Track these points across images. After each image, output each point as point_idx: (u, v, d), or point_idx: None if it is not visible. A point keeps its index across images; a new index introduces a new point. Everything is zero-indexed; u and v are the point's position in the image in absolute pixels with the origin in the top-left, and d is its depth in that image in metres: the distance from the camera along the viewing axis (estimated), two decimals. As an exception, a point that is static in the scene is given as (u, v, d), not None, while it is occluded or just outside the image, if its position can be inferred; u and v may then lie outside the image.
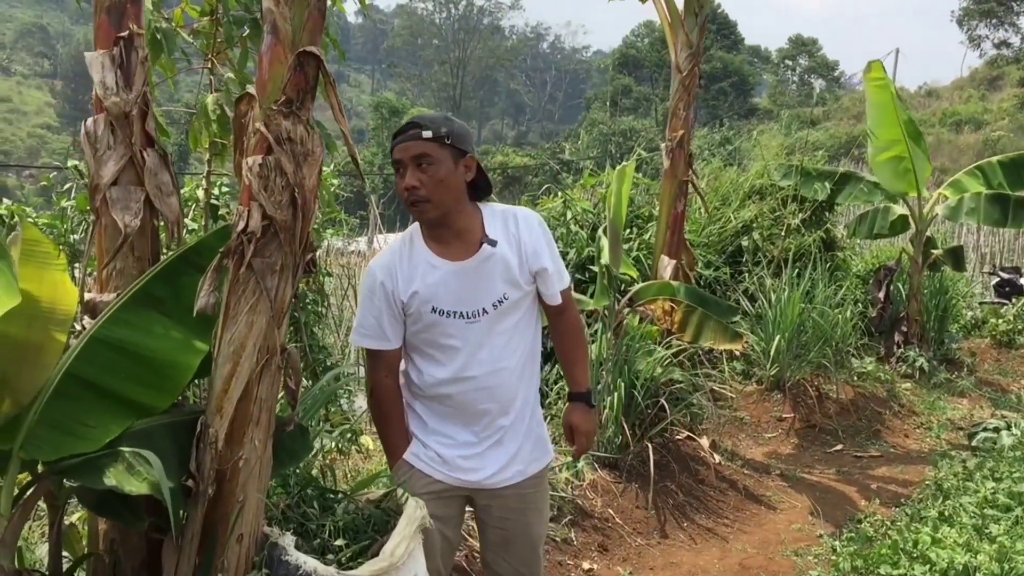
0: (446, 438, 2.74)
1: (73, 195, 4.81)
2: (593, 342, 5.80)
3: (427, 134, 2.52)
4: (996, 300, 12.51)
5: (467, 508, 2.94)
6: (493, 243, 2.63)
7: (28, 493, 2.27)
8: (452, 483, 2.75)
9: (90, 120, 2.56)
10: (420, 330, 2.66)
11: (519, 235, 2.67)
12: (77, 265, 3.94)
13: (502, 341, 2.67)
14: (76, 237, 4.62)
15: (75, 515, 3.18)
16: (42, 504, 2.53)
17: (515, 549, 2.88)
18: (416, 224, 2.70)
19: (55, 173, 5.14)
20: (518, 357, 2.72)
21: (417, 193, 2.53)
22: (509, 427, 2.74)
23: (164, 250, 2.77)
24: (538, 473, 2.86)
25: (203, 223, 4.22)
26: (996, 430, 6.80)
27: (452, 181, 2.56)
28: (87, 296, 2.50)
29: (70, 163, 4.70)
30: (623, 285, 6.56)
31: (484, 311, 2.64)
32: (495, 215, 2.70)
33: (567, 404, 2.97)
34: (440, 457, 2.73)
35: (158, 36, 2.99)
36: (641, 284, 6.30)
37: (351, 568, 2.53)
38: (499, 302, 2.65)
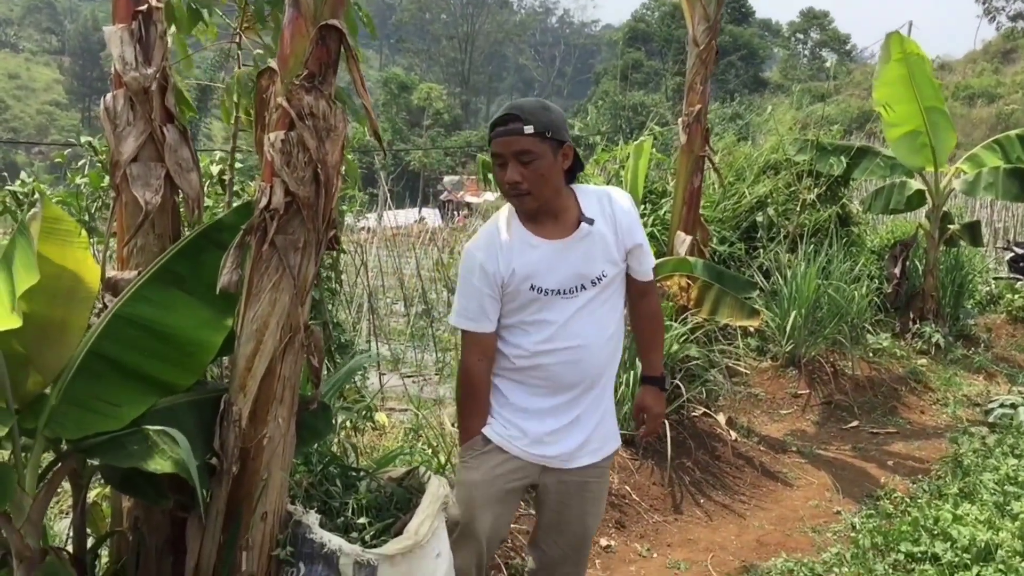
0: (530, 414, 2.72)
1: (86, 172, 4.79)
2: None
3: (528, 130, 2.48)
4: (1011, 275, 12.42)
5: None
6: (591, 221, 2.65)
7: (53, 471, 2.26)
8: (527, 459, 2.73)
9: (109, 96, 2.53)
10: (517, 308, 2.66)
11: (614, 213, 2.71)
12: (93, 241, 3.92)
13: (595, 317, 2.70)
14: (91, 213, 4.59)
15: (94, 492, 3.18)
16: (64, 482, 2.52)
17: (566, 535, 2.89)
18: (509, 206, 2.70)
19: (68, 150, 5.11)
20: (607, 335, 2.75)
21: (519, 187, 2.54)
22: (589, 406, 2.76)
23: (184, 227, 2.74)
24: (605, 460, 2.87)
25: (226, 199, 4.18)
26: (1013, 406, 6.77)
27: (552, 173, 2.57)
28: (108, 274, 2.47)
29: (83, 139, 4.67)
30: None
31: (583, 287, 2.66)
32: (589, 195, 2.72)
33: (641, 387, 3.00)
34: (522, 432, 2.71)
35: (193, 5, 2.94)
36: (657, 260, 6.25)
37: (375, 546, 2.53)
38: (598, 279, 2.68)
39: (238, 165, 4.66)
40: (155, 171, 2.53)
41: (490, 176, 7.22)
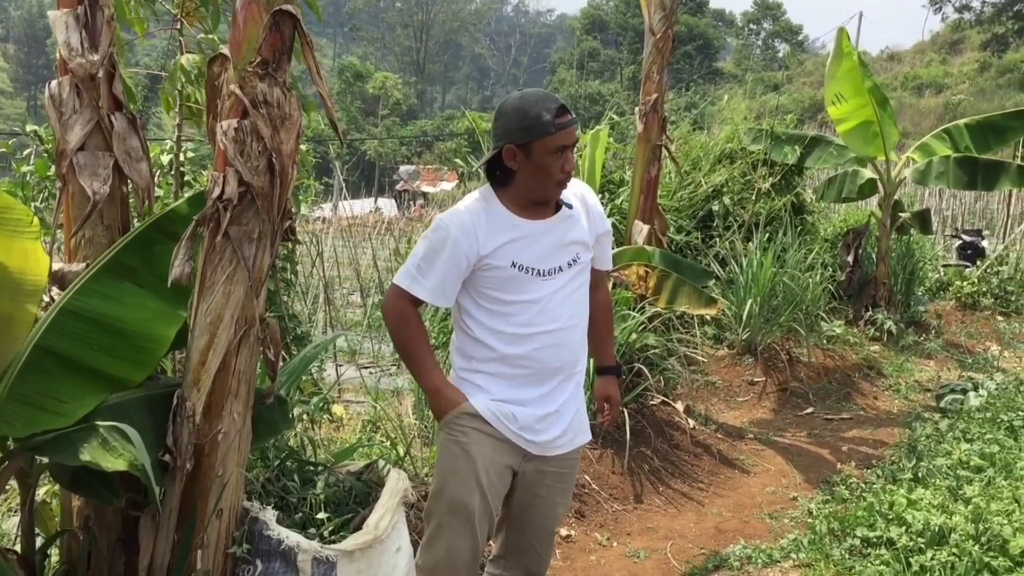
0: (516, 404, 2.70)
1: (32, 161, 4.66)
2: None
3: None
4: (959, 262, 12.66)
5: None
6: (570, 206, 2.74)
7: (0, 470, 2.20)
8: (516, 443, 2.71)
9: (54, 82, 2.45)
10: (496, 286, 2.65)
11: (586, 200, 2.82)
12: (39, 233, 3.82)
13: (571, 301, 2.74)
14: (37, 204, 4.48)
15: (43, 490, 3.10)
16: (12, 481, 2.45)
17: (536, 524, 2.88)
18: (487, 188, 2.72)
19: (13, 139, 4.97)
20: (582, 321, 2.80)
21: (571, 175, 2.63)
22: (570, 396, 2.80)
23: (134, 218, 2.67)
24: (578, 449, 2.91)
25: (172, 190, 4.10)
26: (964, 391, 6.88)
27: None
28: (55, 266, 2.40)
29: (28, 127, 4.55)
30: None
31: (560, 269, 2.70)
32: None
33: (600, 377, 3.02)
34: (514, 416, 2.69)
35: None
36: (615, 249, 6.26)
37: (334, 542, 2.49)
38: (573, 261, 2.72)
39: (190, 155, 4.58)
40: (103, 160, 2.46)
41: (461, 160, 7.17)
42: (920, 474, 4.77)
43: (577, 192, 2.80)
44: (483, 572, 3.06)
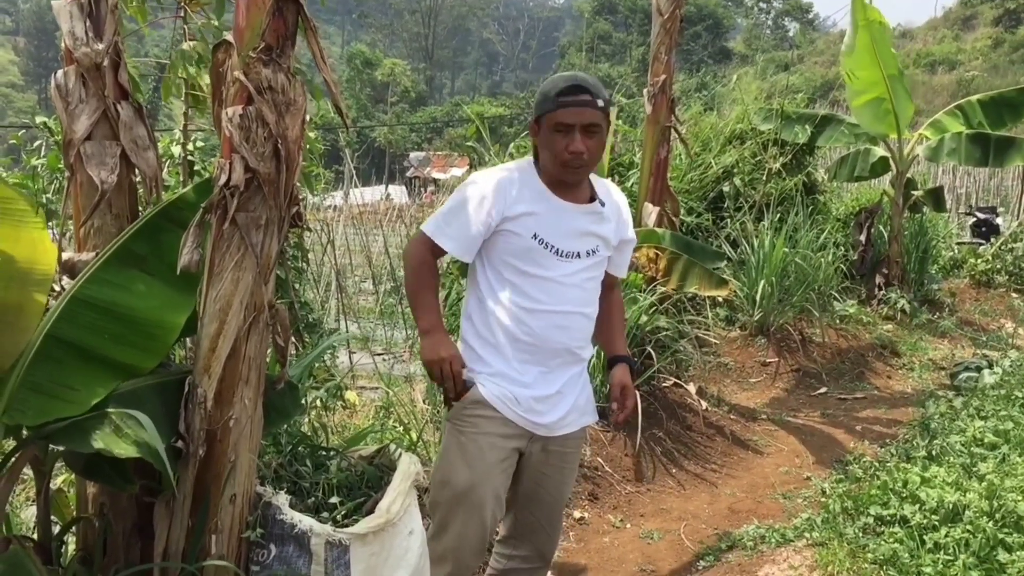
0: (515, 381, 2.72)
1: (43, 153, 4.68)
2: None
3: (600, 103, 2.58)
4: (973, 240, 12.59)
5: None
6: (603, 203, 2.77)
7: (14, 459, 2.21)
8: (521, 424, 2.72)
9: (60, 72, 2.46)
10: (512, 254, 2.67)
11: (618, 204, 2.87)
12: (51, 224, 3.84)
13: (583, 289, 2.76)
14: (49, 196, 4.50)
15: (59, 479, 3.13)
16: (27, 470, 2.47)
17: (543, 504, 2.92)
18: (529, 159, 2.77)
19: (24, 131, 4.99)
20: (591, 310, 2.81)
21: (582, 159, 2.60)
22: (570, 381, 2.81)
23: (142, 206, 2.68)
24: (583, 429, 2.95)
25: (180, 180, 4.11)
26: (978, 369, 6.85)
27: (604, 147, 2.75)
28: (65, 255, 2.41)
29: (38, 119, 4.56)
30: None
31: (578, 254, 2.71)
32: (599, 182, 2.85)
33: (616, 367, 2.97)
34: (514, 397, 2.70)
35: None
36: (625, 232, 6.24)
37: (347, 526, 2.51)
38: (592, 251, 2.75)
39: (200, 144, 4.58)
40: (110, 149, 2.46)
41: (473, 144, 7.16)
42: (934, 452, 4.75)
43: (613, 196, 2.85)
44: (492, 553, 3.09)
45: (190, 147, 4.20)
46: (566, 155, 2.58)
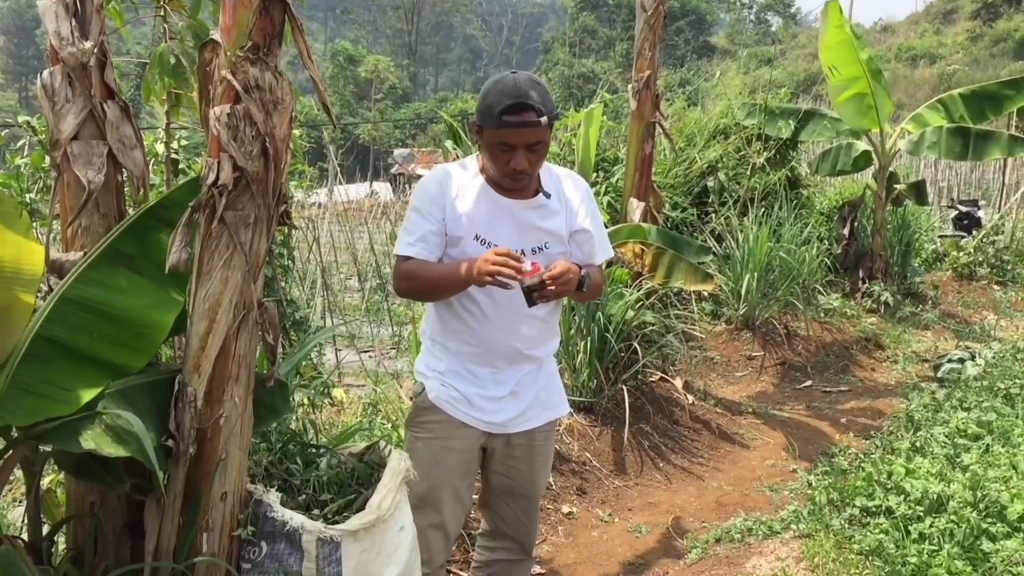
0: (465, 377, 2.73)
1: (27, 152, 4.66)
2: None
3: (543, 120, 2.47)
4: (955, 233, 12.68)
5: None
6: (548, 195, 2.69)
7: (4, 460, 2.21)
8: (473, 424, 2.74)
9: (46, 72, 2.45)
10: (456, 257, 2.63)
11: (566, 194, 2.76)
12: (35, 224, 3.82)
13: None
14: (33, 196, 4.48)
15: (48, 478, 3.12)
16: (16, 470, 2.47)
17: (516, 497, 2.94)
18: (473, 157, 2.74)
19: (6, 131, 4.96)
20: (543, 311, 2.72)
21: (524, 174, 2.56)
22: (524, 379, 2.77)
23: (129, 206, 2.67)
24: (550, 423, 2.92)
25: (164, 178, 4.09)
26: (961, 361, 6.92)
27: (548, 149, 2.62)
28: (53, 255, 2.41)
29: (21, 119, 4.54)
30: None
31: (523, 252, 2.60)
32: (550, 173, 2.76)
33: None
34: (463, 396, 2.72)
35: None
36: (611, 227, 6.27)
37: (338, 522, 2.51)
38: (539, 248, 2.67)
39: (183, 142, 4.57)
40: (97, 149, 2.45)
41: (451, 142, 7.16)
42: (918, 443, 4.80)
43: (564, 187, 2.76)
44: (476, 547, 3.18)
45: (174, 145, 4.19)
46: (508, 170, 2.54)
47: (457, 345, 2.73)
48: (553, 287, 2.44)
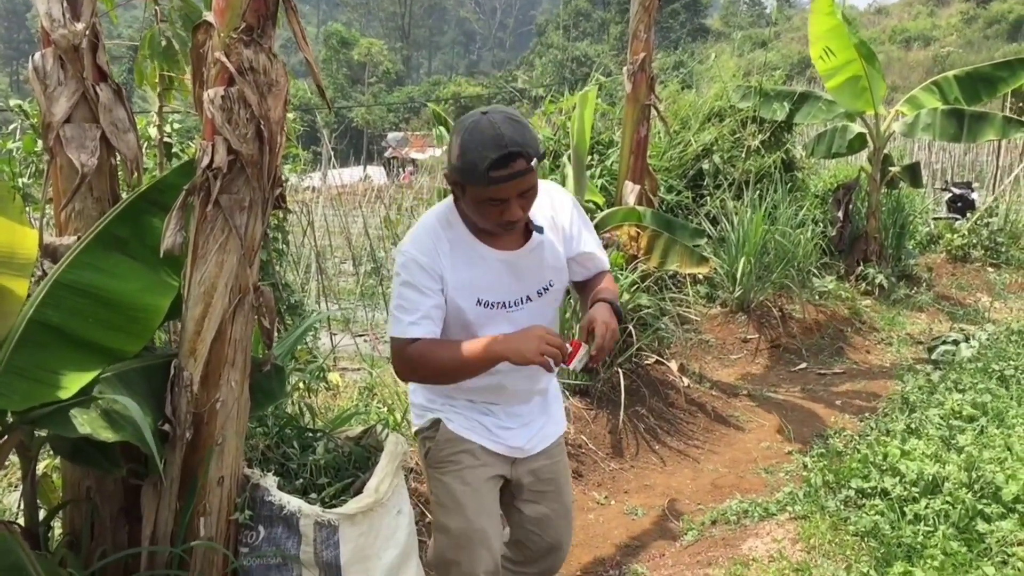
0: (483, 409, 2.60)
1: (19, 136, 4.63)
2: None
3: (533, 164, 2.22)
4: (949, 215, 12.69)
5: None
6: (540, 230, 2.46)
7: (-1, 445, 2.20)
8: (497, 450, 2.60)
9: (38, 55, 2.42)
10: (461, 323, 2.44)
11: (559, 220, 2.55)
12: (28, 209, 3.80)
13: (539, 324, 2.44)
14: (25, 181, 4.46)
15: (43, 463, 3.11)
16: (12, 455, 2.46)
17: (552, 521, 2.75)
18: (449, 205, 2.43)
19: (-3, 114, 4.94)
20: None
21: (520, 221, 2.33)
22: (535, 408, 2.68)
23: (123, 190, 2.65)
24: (559, 439, 2.80)
25: (157, 163, 4.08)
26: (955, 343, 6.94)
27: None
28: (46, 240, 2.39)
29: (12, 102, 4.51)
30: (587, 213, 6.51)
31: (528, 299, 2.49)
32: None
33: (597, 304, 2.48)
34: (482, 425, 2.58)
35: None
36: (606, 210, 6.26)
37: (335, 506, 2.51)
38: (544, 289, 2.53)
39: (176, 125, 4.55)
40: (90, 132, 2.44)
41: (443, 127, 7.13)
42: (913, 425, 4.81)
43: (552, 212, 2.54)
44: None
45: (167, 129, 4.16)
46: (501, 222, 2.30)
47: (471, 399, 2.59)
48: (603, 352, 2.35)
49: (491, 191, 2.21)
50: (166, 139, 4.14)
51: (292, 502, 2.43)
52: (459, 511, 2.52)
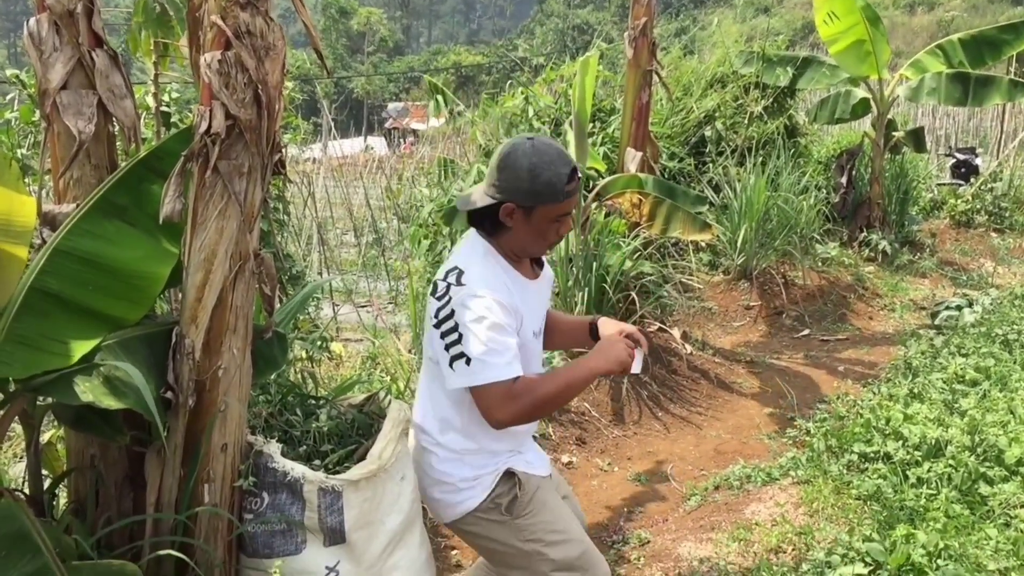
0: (520, 450, 2.61)
1: (16, 107, 4.61)
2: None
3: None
4: (953, 181, 12.63)
5: None
6: (541, 264, 2.64)
7: (2, 413, 2.20)
8: (544, 472, 2.64)
9: (33, 20, 2.39)
10: (521, 352, 2.41)
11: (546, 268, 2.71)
12: (27, 179, 3.79)
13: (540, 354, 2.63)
14: (24, 151, 4.44)
15: (48, 434, 3.12)
16: (16, 426, 2.46)
17: (577, 510, 2.85)
18: (479, 239, 2.46)
19: (-6, 85, 4.92)
20: None
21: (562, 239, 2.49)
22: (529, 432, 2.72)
23: (121, 157, 2.63)
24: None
25: (155, 132, 4.05)
26: (958, 308, 6.93)
27: None
28: (45, 207, 2.37)
29: (9, 72, 4.48)
30: (589, 180, 6.49)
31: (542, 327, 2.62)
32: None
33: (599, 322, 2.66)
34: (527, 461, 2.59)
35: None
36: (608, 178, 6.23)
37: (338, 473, 2.51)
38: (543, 324, 2.66)
39: (174, 95, 4.52)
40: (87, 99, 2.41)
41: (440, 100, 7.10)
42: (916, 390, 4.82)
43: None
44: None
45: (164, 98, 4.13)
46: (554, 240, 2.43)
47: (494, 443, 2.53)
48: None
49: (563, 206, 2.34)
50: (163, 108, 4.11)
51: (296, 468, 2.43)
52: (569, 537, 2.52)
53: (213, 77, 2.19)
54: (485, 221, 2.43)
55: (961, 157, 13.11)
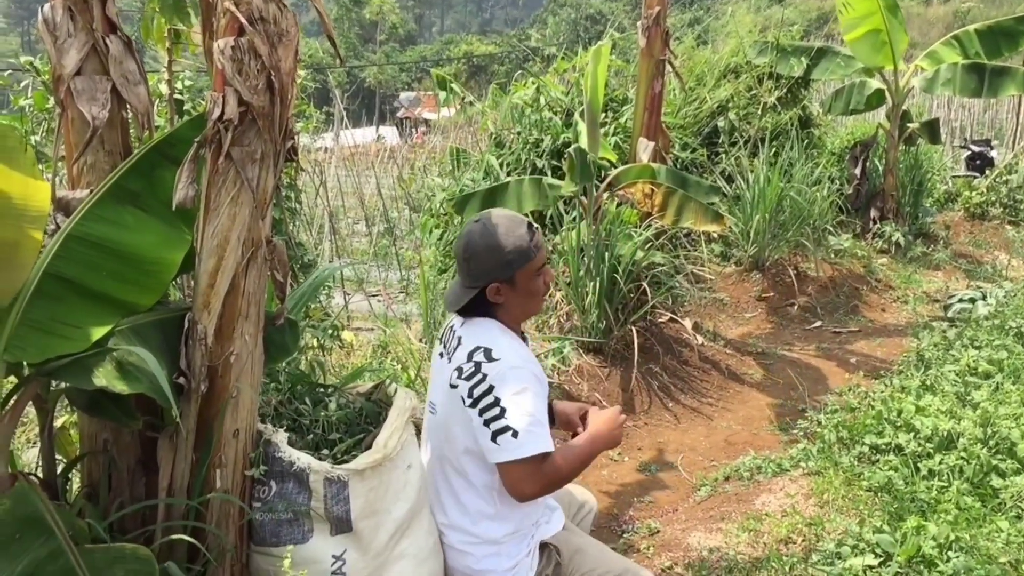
0: (538, 523, 2.68)
1: (30, 93, 4.62)
2: (571, 229, 5.75)
3: None
4: (968, 173, 12.55)
5: None
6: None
7: (16, 397, 2.21)
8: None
9: (47, 6, 2.40)
10: None
11: None
12: (42, 167, 3.80)
13: None
14: (38, 139, 4.46)
15: (61, 419, 3.14)
16: (30, 410, 2.47)
17: None
18: (490, 320, 2.54)
19: (9, 72, 4.93)
20: None
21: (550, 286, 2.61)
22: None
23: (135, 143, 2.64)
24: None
25: (168, 119, 4.06)
26: (971, 300, 6.89)
27: None
28: (59, 193, 2.38)
29: (23, 59, 4.50)
30: (601, 170, 6.48)
31: None
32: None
33: (587, 415, 2.70)
34: (549, 523, 2.70)
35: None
36: (620, 168, 6.21)
37: (347, 462, 2.52)
38: None
39: (187, 83, 4.52)
40: (101, 84, 2.41)
41: (447, 92, 7.10)
42: (928, 382, 4.80)
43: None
44: None
45: (178, 85, 4.14)
46: (545, 289, 2.55)
47: (526, 518, 2.59)
48: None
49: (537, 260, 2.47)
50: (177, 96, 4.12)
51: (302, 458, 2.43)
52: (609, 568, 2.59)
53: (226, 63, 2.19)
54: (478, 309, 2.54)
55: (976, 149, 13.03)
